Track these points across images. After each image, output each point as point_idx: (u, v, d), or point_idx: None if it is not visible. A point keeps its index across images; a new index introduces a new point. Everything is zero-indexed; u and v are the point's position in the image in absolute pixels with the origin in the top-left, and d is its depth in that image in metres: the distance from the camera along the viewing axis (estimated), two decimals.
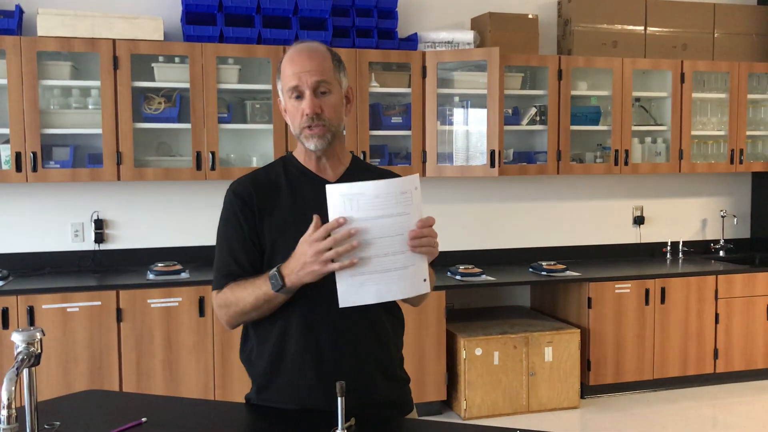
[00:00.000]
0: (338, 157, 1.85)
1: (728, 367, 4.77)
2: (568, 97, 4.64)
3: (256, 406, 1.83)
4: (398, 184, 1.62)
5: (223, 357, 3.91)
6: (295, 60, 1.74)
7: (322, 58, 1.75)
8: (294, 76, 1.73)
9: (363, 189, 1.60)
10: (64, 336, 3.70)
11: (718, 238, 5.42)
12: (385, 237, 1.62)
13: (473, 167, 4.50)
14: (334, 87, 1.76)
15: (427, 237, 1.65)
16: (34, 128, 3.84)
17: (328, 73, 1.74)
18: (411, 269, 1.65)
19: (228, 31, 4.13)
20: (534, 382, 4.30)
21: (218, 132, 4.11)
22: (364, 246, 1.60)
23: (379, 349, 1.84)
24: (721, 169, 5.07)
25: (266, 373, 1.81)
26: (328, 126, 1.75)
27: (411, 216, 1.63)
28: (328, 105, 1.74)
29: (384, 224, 1.61)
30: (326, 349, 1.76)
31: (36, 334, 1.38)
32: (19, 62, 3.80)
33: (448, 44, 4.50)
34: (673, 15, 4.92)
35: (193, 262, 4.33)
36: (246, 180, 1.84)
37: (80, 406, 1.88)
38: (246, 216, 1.77)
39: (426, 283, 1.68)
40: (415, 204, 1.63)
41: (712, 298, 4.69)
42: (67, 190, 4.24)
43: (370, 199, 1.60)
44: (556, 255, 5.01)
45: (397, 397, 1.90)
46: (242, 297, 1.73)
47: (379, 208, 1.60)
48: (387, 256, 1.63)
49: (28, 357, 1.35)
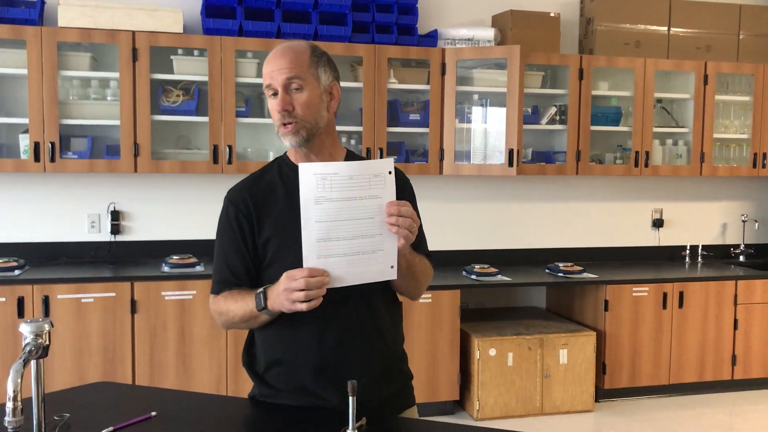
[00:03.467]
0: (329, 153, 1.84)
1: (746, 374, 4.70)
2: (588, 97, 4.59)
3: (266, 404, 1.82)
4: (372, 167, 1.65)
5: (237, 350, 3.90)
6: (269, 60, 1.78)
7: (295, 55, 1.76)
8: (267, 75, 1.76)
9: (337, 169, 1.62)
10: (78, 327, 3.72)
11: (739, 243, 5.34)
12: (355, 219, 1.63)
13: (491, 166, 4.46)
14: (308, 83, 1.75)
15: (407, 218, 1.64)
16: (53, 119, 3.85)
17: (301, 69, 1.74)
18: (380, 254, 1.66)
19: (247, 25, 4.12)
20: (548, 384, 4.26)
21: (235, 126, 4.10)
22: (334, 227, 1.61)
23: (381, 344, 1.83)
24: (743, 173, 4.99)
25: (267, 368, 1.82)
26: (301, 123, 1.75)
27: (383, 200, 1.64)
28: (299, 102, 1.75)
29: (355, 206, 1.63)
30: (327, 343, 1.76)
31: (44, 325, 1.37)
32: (39, 53, 3.81)
33: (469, 41, 4.47)
34: (698, 15, 4.85)
35: (208, 255, 4.29)
36: (240, 186, 1.87)
37: (90, 398, 1.87)
38: (240, 222, 1.80)
39: (393, 270, 1.68)
40: (388, 188, 1.65)
41: (731, 304, 4.62)
42: (85, 181, 4.25)
43: (343, 179, 1.62)
44: (574, 256, 4.96)
45: (396, 394, 1.88)
46: (232, 309, 1.77)
47: (352, 189, 1.62)
48: (356, 238, 1.64)
49: (36, 348, 1.33)
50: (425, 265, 1.88)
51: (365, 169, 1.63)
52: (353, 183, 1.62)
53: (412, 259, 1.77)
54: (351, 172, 1.62)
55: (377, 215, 1.64)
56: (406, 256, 1.73)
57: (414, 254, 1.79)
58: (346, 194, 1.61)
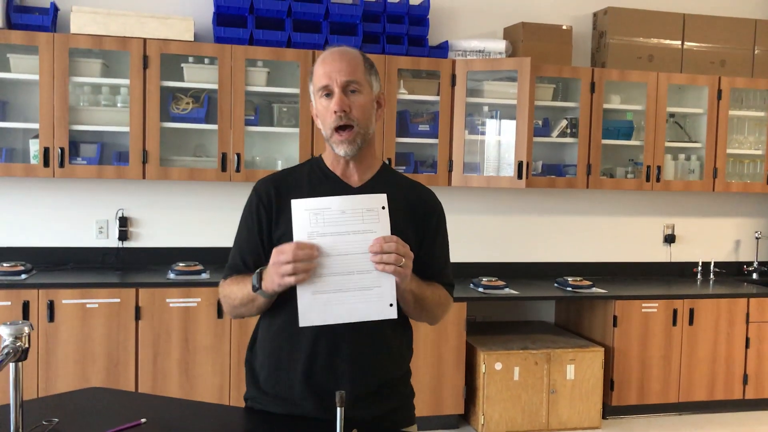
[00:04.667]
0: (367, 163, 1.83)
1: (758, 393, 4.61)
2: (600, 111, 4.55)
3: (256, 412, 1.81)
4: (364, 201, 1.63)
5: (240, 359, 3.89)
6: (326, 60, 1.76)
7: (353, 59, 1.76)
8: (324, 75, 1.74)
9: (329, 204, 1.62)
10: (82, 332, 3.72)
11: (752, 260, 5.26)
12: (349, 254, 1.61)
13: (500, 178, 4.43)
14: (364, 88, 1.76)
15: (392, 254, 1.60)
16: (63, 124, 3.87)
17: (359, 74, 1.75)
18: (375, 291, 1.62)
19: (258, 34, 4.13)
20: (554, 400, 4.21)
21: (244, 134, 4.10)
22: (328, 263, 1.60)
23: (382, 361, 1.80)
24: (757, 189, 4.92)
25: (263, 373, 1.81)
26: (357, 127, 1.74)
27: (376, 234, 1.62)
28: (357, 104, 1.74)
29: (348, 241, 1.61)
30: (322, 356, 1.74)
31: (24, 328, 1.35)
32: (51, 59, 3.84)
33: (480, 53, 4.45)
34: (712, 30, 4.80)
35: (215, 263, 4.32)
36: (269, 178, 1.87)
37: (82, 403, 1.86)
38: (260, 214, 1.80)
39: (392, 308, 1.64)
40: (382, 223, 1.62)
41: (743, 322, 4.55)
42: (93, 187, 4.27)
43: (335, 214, 1.61)
44: (583, 271, 4.91)
45: (393, 410, 1.84)
46: (233, 291, 1.77)
47: (345, 224, 1.61)
48: (351, 274, 1.61)
49: (14, 351, 1.31)
50: (439, 295, 1.84)
51: (358, 204, 1.63)
52: (346, 218, 1.61)
53: (420, 293, 1.74)
54: (343, 207, 1.62)
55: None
56: (413, 290, 1.70)
57: (424, 287, 1.76)
58: (338, 229, 1.61)
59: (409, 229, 1.78)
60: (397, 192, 1.80)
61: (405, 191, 1.85)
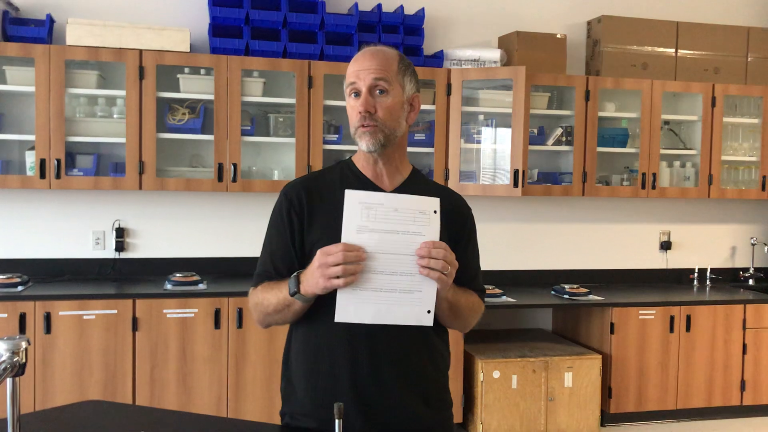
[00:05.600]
0: (396, 166, 1.80)
1: (756, 399, 4.62)
2: (595, 118, 4.57)
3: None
4: (418, 203, 1.60)
5: (237, 370, 3.88)
6: (358, 59, 1.74)
7: (385, 58, 1.72)
8: (353, 73, 1.72)
9: (383, 200, 1.59)
10: (79, 344, 3.71)
11: (748, 266, 5.28)
12: (395, 254, 1.58)
13: (496, 186, 4.44)
14: (394, 89, 1.72)
15: (439, 260, 1.57)
16: (59, 136, 3.88)
17: (389, 73, 1.71)
18: (416, 295, 1.59)
19: (254, 44, 4.14)
20: (553, 408, 4.21)
21: (241, 144, 4.11)
22: (373, 260, 1.57)
23: (422, 370, 1.75)
24: (752, 196, 4.95)
25: (302, 386, 1.75)
26: (380, 126, 1.70)
27: (425, 238, 1.59)
28: (383, 105, 1.70)
29: (396, 240, 1.58)
30: (363, 367, 1.69)
31: (21, 343, 1.34)
32: (47, 70, 3.85)
33: (475, 62, 4.47)
34: (705, 38, 4.83)
35: (212, 274, 4.32)
36: (298, 181, 1.83)
37: (81, 417, 1.85)
38: (291, 219, 1.75)
39: (429, 315, 1.61)
40: (432, 227, 1.60)
41: (740, 328, 4.56)
42: (90, 198, 4.27)
43: (387, 211, 1.58)
44: (580, 278, 4.92)
45: (436, 424, 1.80)
46: (267, 298, 1.72)
47: (395, 223, 1.58)
48: (394, 274, 1.58)
49: (12, 366, 1.31)
50: (472, 302, 1.82)
51: (411, 204, 1.59)
52: (397, 216, 1.58)
53: (456, 300, 1.72)
54: (396, 204, 1.59)
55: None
56: (448, 297, 1.67)
57: (459, 293, 1.74)
58: (388, 226, 1.57)
59: (443, 235, 1.73)
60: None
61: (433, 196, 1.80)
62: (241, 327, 3.88)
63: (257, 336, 3.90)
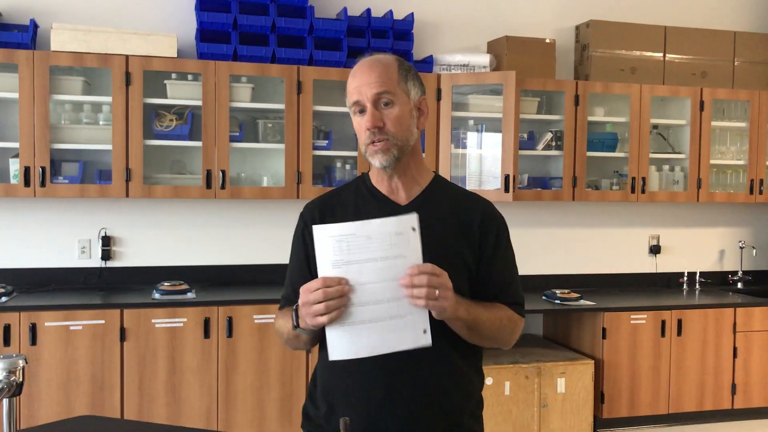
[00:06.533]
0: (413, 176, 1.72)
1: (747, 403, 4.62)
2: (584, 123, 4.57)
3: None
4: (392, 225, 1.51)
5: (227, 380, 3.82)
6: (356, 74, 1.67)
7: (383, 69, 1.65)
8: (355, 90, 1.65)
9: (353, 229, 1.51)
10: (65, 355, 3.63)
11: (737, 270, 5.29)
12: (379, 282, 1.50)
13: (487, 191, 4.42)
14: (399, 98, 1.64)
15: (423, 287, 1.48)
16: (44, 143, 3.80)
17: (391, 84, 1.63)
18: (408, 318, 1.51)
19: (242, 50, 4.09)
20: (546, 414, 4.18)
21: (229, 150, 4.06)
22: (356, 292, 1.50)
23: (445, 398, 1.68)
24: (740, 199, 4.96)
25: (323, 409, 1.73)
26: (392, 140, 1.63)
27: (408, 259, 1.50)
28: (390, 117, 1.63)
29: (378, 268, 1.50)
30: (376, 392, 1.64)
31: (18, 361, 1.29)
32: (31, 76, 3.78)
33: (464, 67, 4.45)
34: (693, 42, 4.85)
35: (200, 282, 4.26)
36: (315, 201, 1.80)
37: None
38: (305, 240, 1.72)
39: (426, 335, 1.52)
40: (412, 246, 1.50)
41: (731, 331, 4.56)
42: (75, 206, 4.20)
43: (361, 240, 1.50)
44: (570, 283, 4.90)
45: None
46: (281, 325, 1.72)
47: (372, 250, 1.50)
48: (382, 303, 1.50)
49: (9, 387, 1.25)
50: (500, 318, 1.69)
51: (385, 228, 1.50)
52: (372, 244, 1.49)
53: (475, 318, 1.61)
54: (369, 232, 1.50)
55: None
56: (461, 316, 1.57)
57: (479, 310, 1.62)
58: (365, 256, 1.49)
59: (463, 247, 1.68)
60: (450, 207, 1.71)
61: (459, 205, 1.74)
62: (231, 336, 3.82)
63: (247, 345, 3.85)
